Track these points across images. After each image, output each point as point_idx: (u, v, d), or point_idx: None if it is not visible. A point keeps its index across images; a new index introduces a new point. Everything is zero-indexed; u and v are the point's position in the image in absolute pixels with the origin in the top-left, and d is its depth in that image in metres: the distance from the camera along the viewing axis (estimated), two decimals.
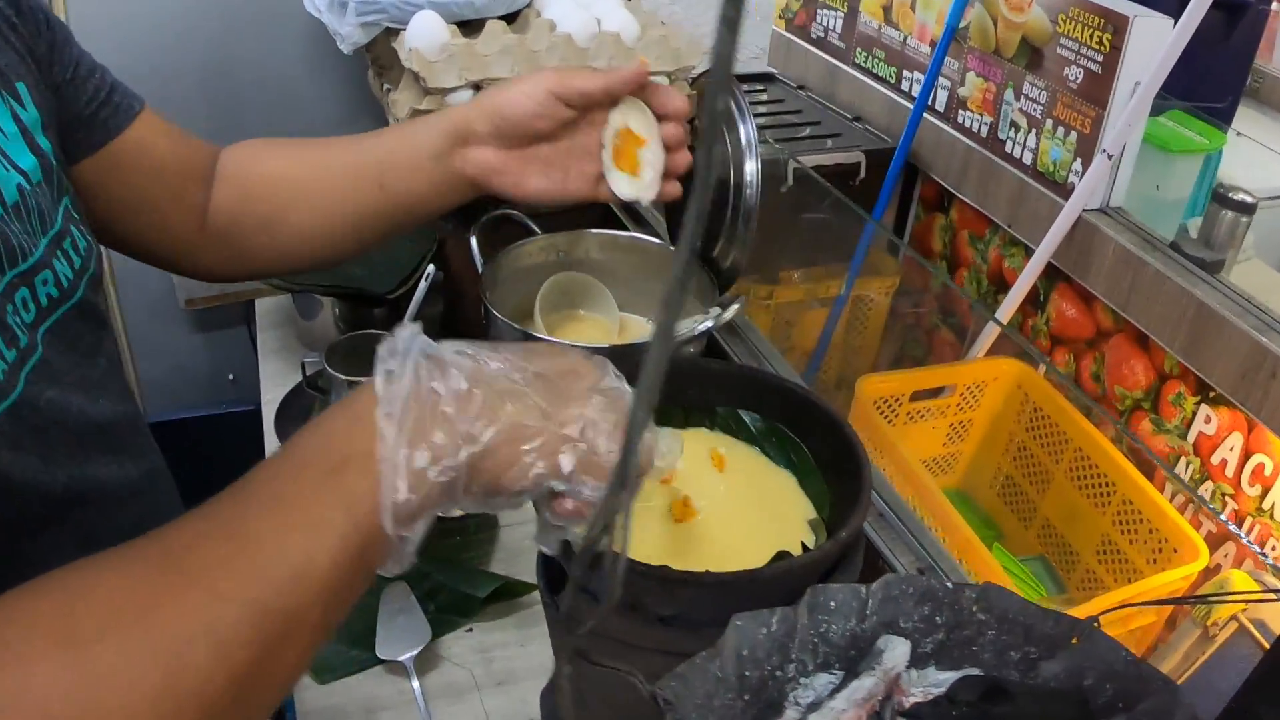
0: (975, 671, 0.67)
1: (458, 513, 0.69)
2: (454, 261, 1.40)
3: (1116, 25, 1.51)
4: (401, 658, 1.05)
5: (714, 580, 0.73)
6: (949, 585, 0.66)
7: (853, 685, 0.61)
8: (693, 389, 0.93)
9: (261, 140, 1.06)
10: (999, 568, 1.44)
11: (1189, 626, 1.39)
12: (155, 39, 1.88)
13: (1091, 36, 1.55)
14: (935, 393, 1.79)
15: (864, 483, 0.80)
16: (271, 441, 1.34)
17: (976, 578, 1.47)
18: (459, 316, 1.46)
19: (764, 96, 2.12)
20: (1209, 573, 1.58)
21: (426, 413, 0.58)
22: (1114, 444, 1.65)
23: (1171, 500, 1.61)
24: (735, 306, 1.12)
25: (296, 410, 1.35)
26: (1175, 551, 1.52)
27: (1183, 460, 1.59)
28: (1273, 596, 0.68)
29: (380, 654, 1.06)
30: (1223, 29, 1.71)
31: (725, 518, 0.85)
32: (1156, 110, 1.64)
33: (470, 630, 1.10)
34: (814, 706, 0.63)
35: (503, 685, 1.05)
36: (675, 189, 1.02)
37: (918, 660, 0.66)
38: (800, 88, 2.15)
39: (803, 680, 0.64)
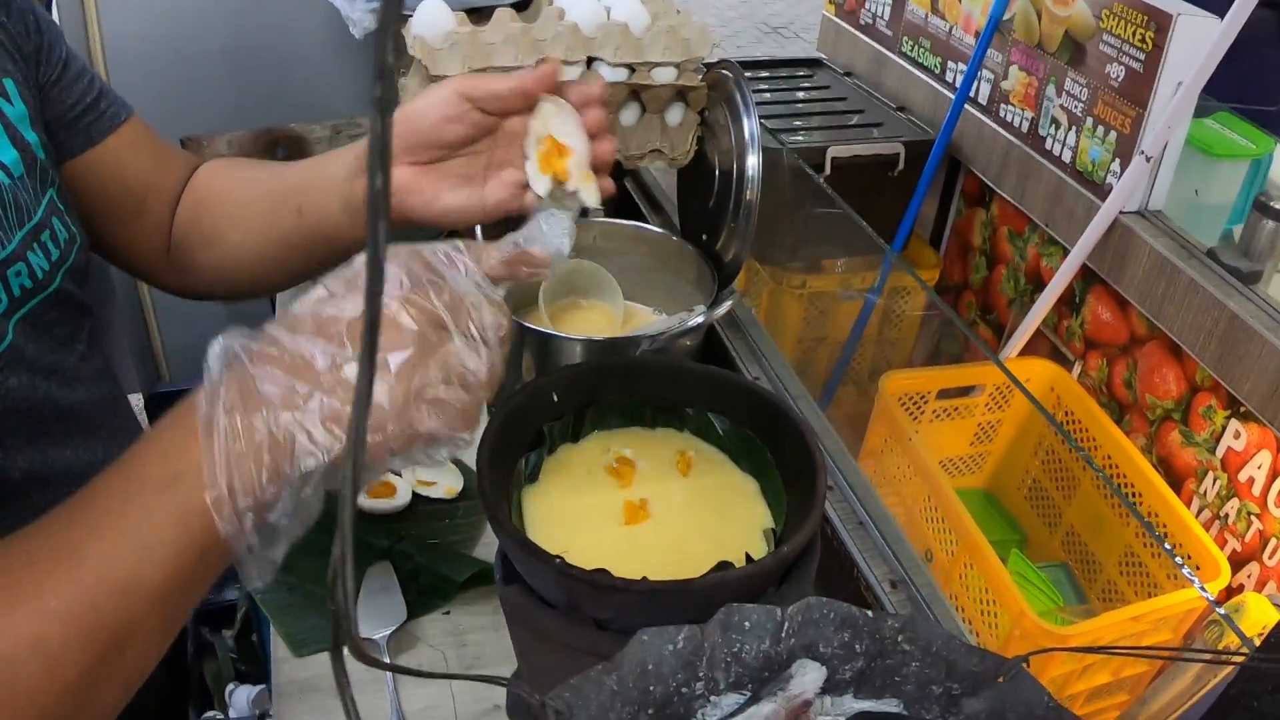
0: (894, 704, 0.65)
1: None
2: None
3: (1160, 23, 1.47)
4: (376, 636, 1.06)
5: (646, 588, 0.72)
6: (869, 614, 0.64)
7: (750, 710, 0.60)
8: (662, 389, 0.92)
9: (226, 160, 1.06)
10: (1007, 575, 1.41)
11: (1200, 649, 1.36)
12: (179, 23, 1.90)
13: (1134, 34, 1.51)
14: (964, 391, 1.77)
15: (817, 498, 0.78)
16: None
17: (985, 583, 1.45)
18: None
19: (810, 82, 2.09)
20: (1231, 592, 1.54)
21: (245, 447, 0.59)
22: (1143, 454, 1.61)
23: (1197, 515, 1.57)
24: (728, 302, 1.11)
25: None
26: (1198, 569, 1.48)
27: (1210, 475, 1.55)
28: (1239, 657, 0.66)
29: None
30: (1274, 29, 1.65)
31: (679, 522, 0.84)
32: (1203, 112, 1.59)
33: (448, 613, 1.11)
34: None
35: (472, 669, 1.04)
36: (608, 186, 0.91)
37: (835, 687, 0.65)
38: (847, 74, 2.12)
39: (712, 699, 0.63)
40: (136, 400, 2.95)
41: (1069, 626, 1.38)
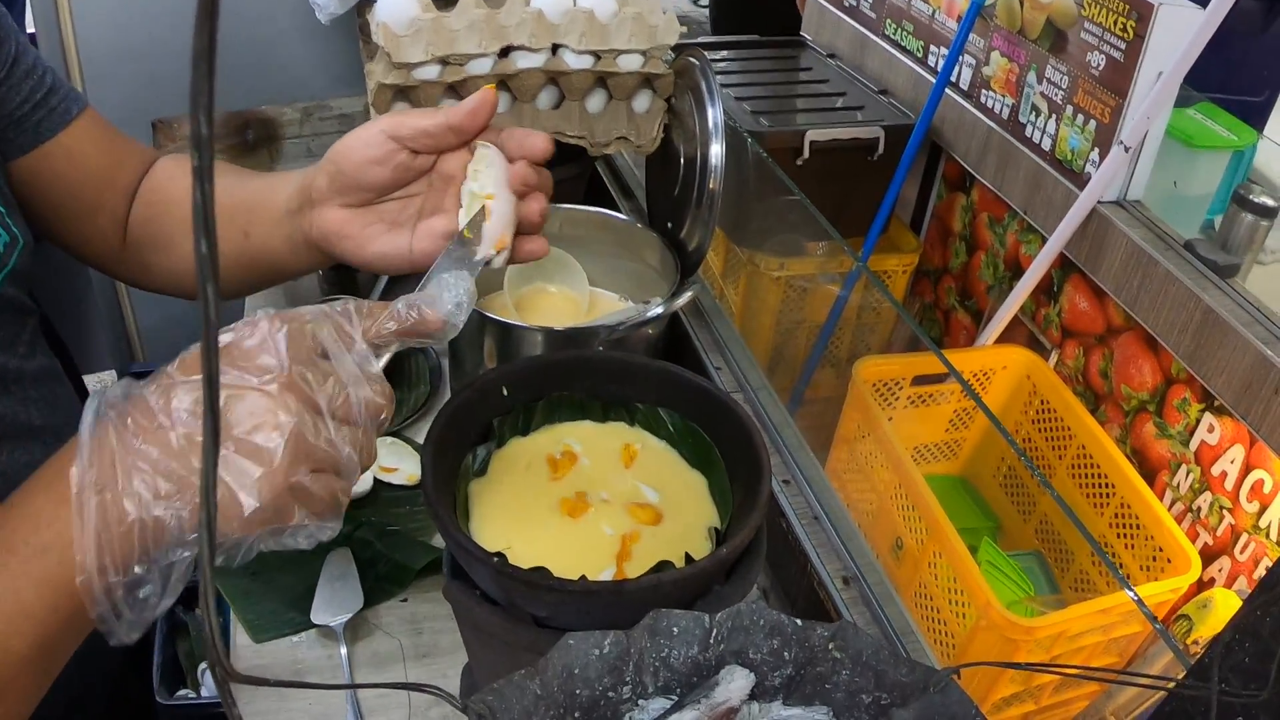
0: (823, 711, 0.65)
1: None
2: None
3: (1141, 12, 1.45)
4: (332, 623, 1.06)
5: (581, 589, 0.72)
6: (798, 622, 0.64)
7: (673, 718, 0.60)
8: (612, 384, 0.92)
9: (183, 159, 1.02)
10: (975, 566, 1.41)
11: (1165, 646, 1.36)
12: (149, 5, 1.89)
13: (1115, 23, 1.49)
14: (941, 378, 1.76)
15: (759, 498, 0.78)
16: None
17: (953, 573, 1.45)
18: None
19: (792, 64, 2.08)
20: (1202, 585, 1.54)
21: (113, 530, 0.58)
22: (1118, 445, 1.61)
23: (1170, 508, 1.57)
24: (689, 294, 1.10)
25: None
26: (1169, 562, 1.48)
27: (1183, 468, 1.55)
28: (1165, 683, 0.65)
29: (314, 619, 1.06)
30: (1260, 20, 1.64)
31: (622, 519, 0.84)
32: (1184, 102, 1.58)
33: (405, 600, 1.11)
34: None
35: (427, 658, 1.05)
36: (537, 249, 0.86)
37: (764, 694, 0.65)
38: (831, 56, 2.10)
39: (640, 702, 0.63)
40: (108, 378, 2.95)
41: (1036, 619, 1.37)
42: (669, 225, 1.23)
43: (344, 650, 1.04)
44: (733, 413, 0.86)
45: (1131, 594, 1.06)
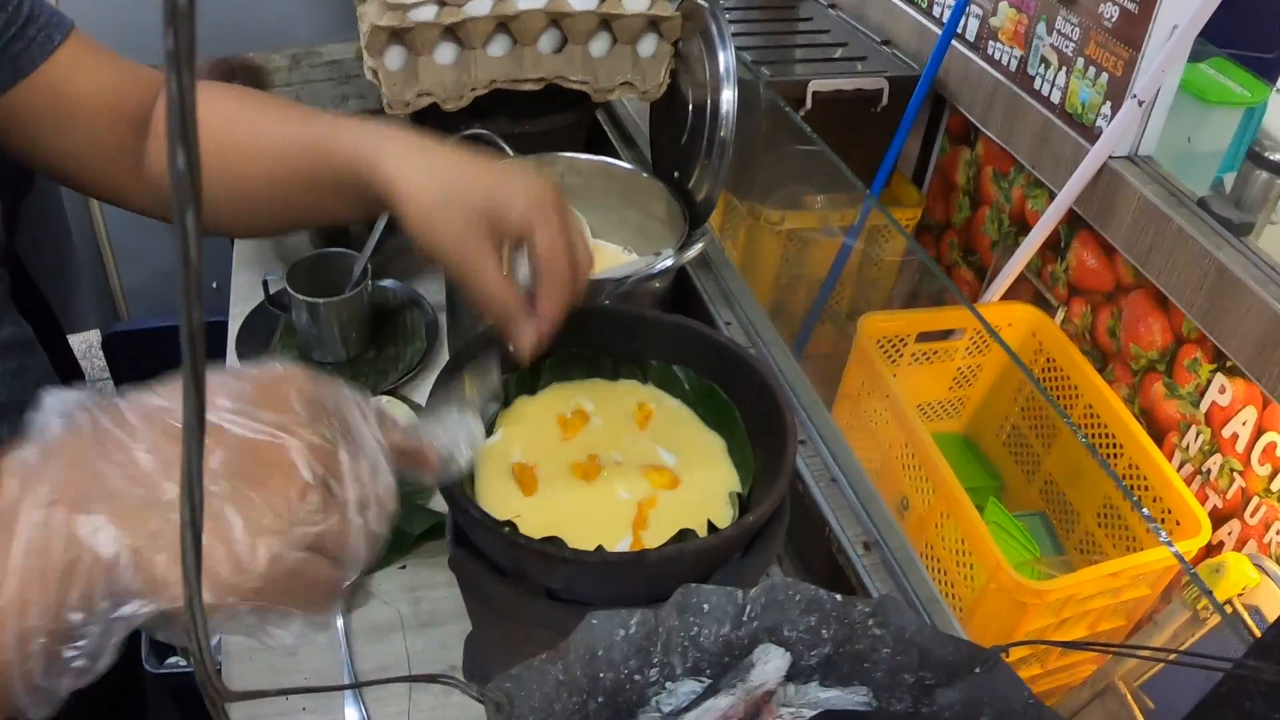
0: (864, 691, 0.61)
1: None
2: None
3: None
4: None
5: (599, 560, 0.67)
6: (838, 597, 0.59)
7: (706, 704, 0.56)
8: (623, 340, 0.87)
9: (206, 89, 0.91)
10: (984, 527, 1.38)
11: (1179, 608, 1.33)
12: None
13: None
14: (945, 335, 1.72)
15: (786, 463, 0.73)
16: (234, 360, 1.29)
17: (961, 534, 1.42)
18: None
19: (793, 14, 2.02)
20: (1211, 549, 1.51)
21: (58, 529, 0.47)
22: (1126, 405, 1.57)
23: (1179, 470, 1.54)
24: (698, 245, 1.05)
25: (260, 327, 1.30)
26: (1178, 524, 1.45)
27: (1193, 429, 1.51)
28: (1223, 663, 0.61)
29: None
30: None
31: (638, 483, 0.79)
32: (1197, 57, 1.54)
33: (404, 568, 1.06)
34: (674, 714, 0.58)
35: (427, 627, 1.00)
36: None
37: (799, 674, 0.60)
38: (831, 6, 2.05)
39: (668, 685, 0.59)
40: (93, 338, 2.89)
41: (1047, 581, 1.34)
42: (675, 175, 1.17)
43: (341, 620, 1.00)
44: (753, 370, 0.81)
45: (1178, 557, 1.02)
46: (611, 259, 1.21)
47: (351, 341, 1.24)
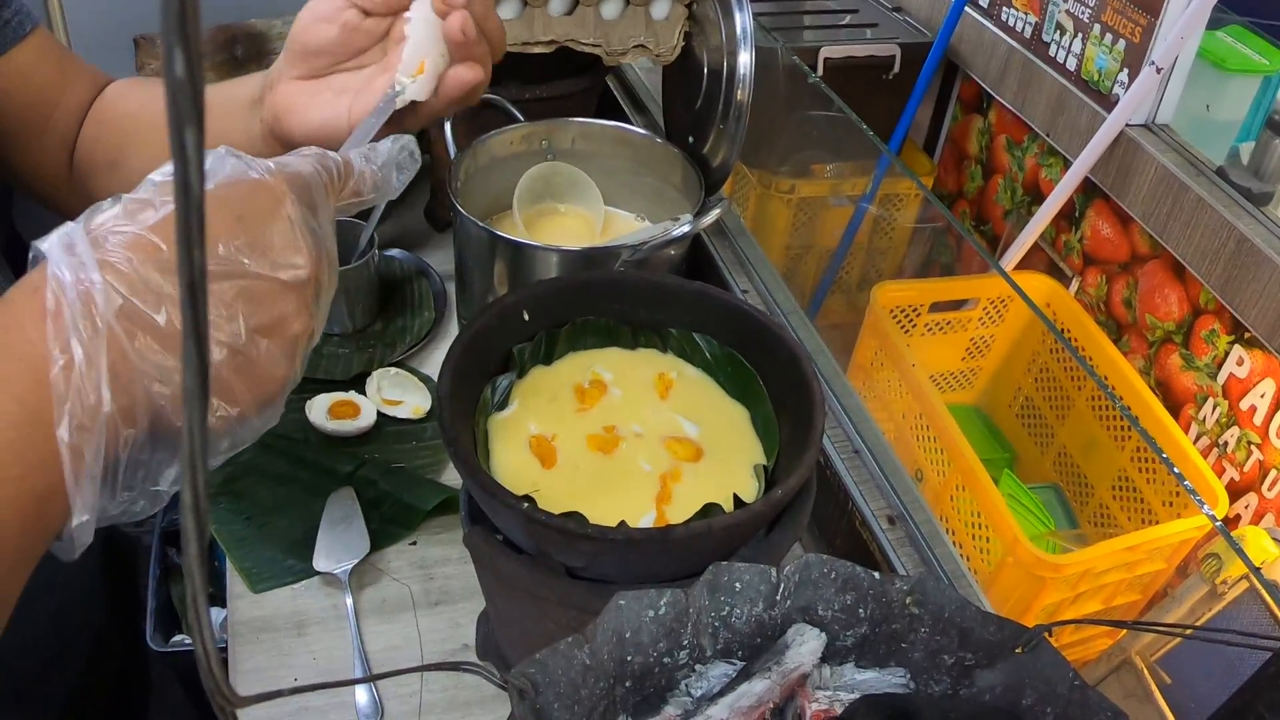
0: (900, 673, 0.59)
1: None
2: (438, 148, 1.30)
3: None
4: (336, 570, 0.99)
5: (622, 537, 0.65)
6: (875, 575, 0.57)
7: (741, 689, 0.53)
8: (643, 308, 0.84)
9: (136, 80, 0.94)
10: (1002, 500, 1.36)
11: (1196, 582, 1.31)
12: None
13: None
14: (957, 304, 1.69)
15: (814, 433, 0.71)
16: None
17: (977, 507, 1.39)
18: (440, 204, 1.37)
19: None
20: (1228, 523, 1.49)
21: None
22: (1141, 376, 1.55)
23: (1195, 442, 1.51)
24: (716, 211, 1.02)
25: None
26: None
27: (1210, 401, 1.49)
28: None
29: (317, 566, 0.98)
30: None
31: (659, 455, 0.77)
32: (1215, 24, 1.50)
33: (414, 544, 1.04)
34: (704, 699, 0.55)
35: (439, 606, 0.98)
36: (469, 75, 0.76)
37: (835, 655, 0.58)
38: None
39: (698, 668, 0.56)
40: None
41: (1065, 555, 1.32)
42: (690, 140, 1.14)
43: (349, 599, 0.97)
44: (778, 338, 0.78)
45: (1203, 507, 1.00)
46: (624, 226, 1.18)
47: (358, 313, 1.21)
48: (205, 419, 0.24)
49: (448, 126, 1.16)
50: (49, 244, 0.51)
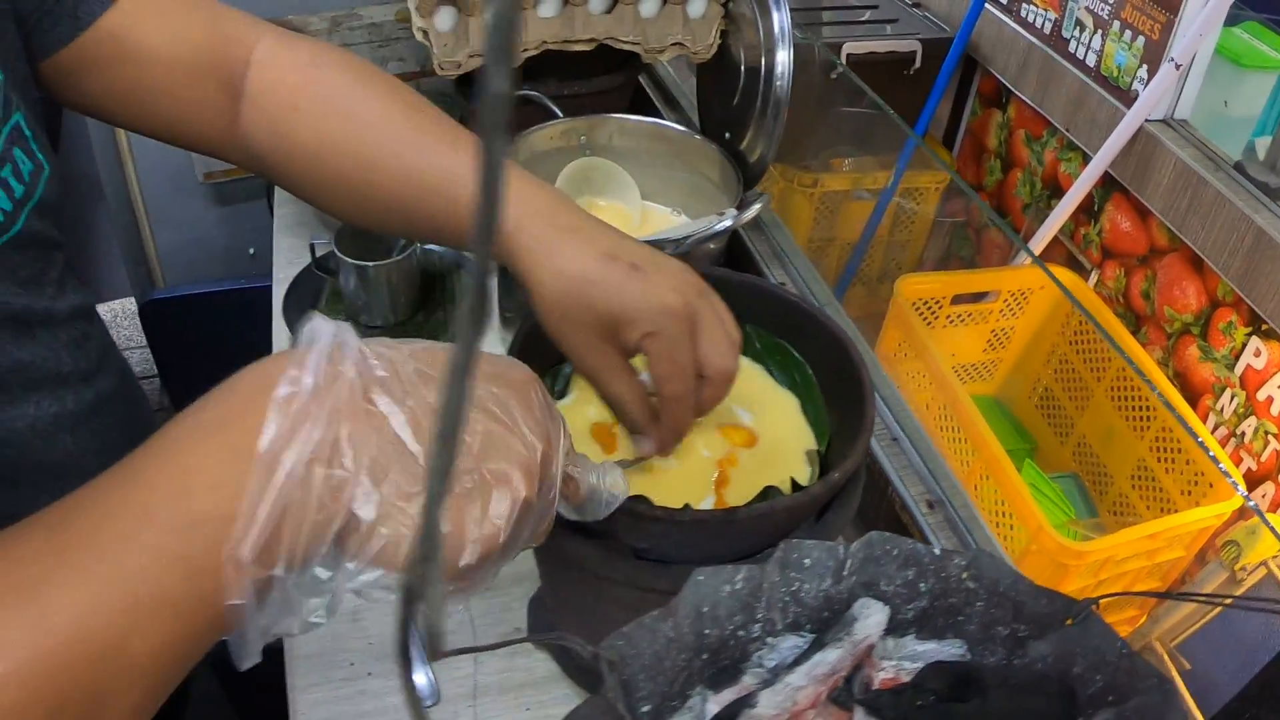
0: (958, 644, 0.62)
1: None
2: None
3: None
4: None
5: (690, 518, 0.68)
6: (936, 551, 0.60)
7: (815, 658, 0.56)
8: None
9: (284, 37, 0.87)
10: (1026, 488, 1.38)
11: (1216, 568, 1.34)
12: None
13: None
14: (978, 297, 1.72)
15: (866, 418, 0.74)
16: (279, 323, 1.29)
17: (1002, 495, 1.42)
18: None
19: None
20: (1245, 513, 1.51)
21: (315, 508, 0.47)
22: (1159, 367, 1.58)
23: (1213, 432, 1.54)
24: (757, 205, 1.05)
25: (305, 291, 1.30)
26: (1211, 486, 1.46)
27: (1227, 392, 1.52)
28: None
29: None
30: None
31: (715, 439, 0.80)
32: (1231, 21, 1.53)
33: None
34: (777, 670, 0.58)
35: (490, 591, 1.00)
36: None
37: (897, 627, 0.61)
38: None
39: (769, 640, 0.60)
40: (128, 306, 2.86)
41: (1087, 543, 1.35)
42: (726, 136, 1.17)
43: None
44: (826, 328, 0.81)
45: (1236, 486, 1.02)
46: (660, 220, 1.21)
47: (400, 306, 1.24)
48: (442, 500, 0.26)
49: None
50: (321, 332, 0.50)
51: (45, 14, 0.77)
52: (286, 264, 1.38)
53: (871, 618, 0.59)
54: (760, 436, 0.80)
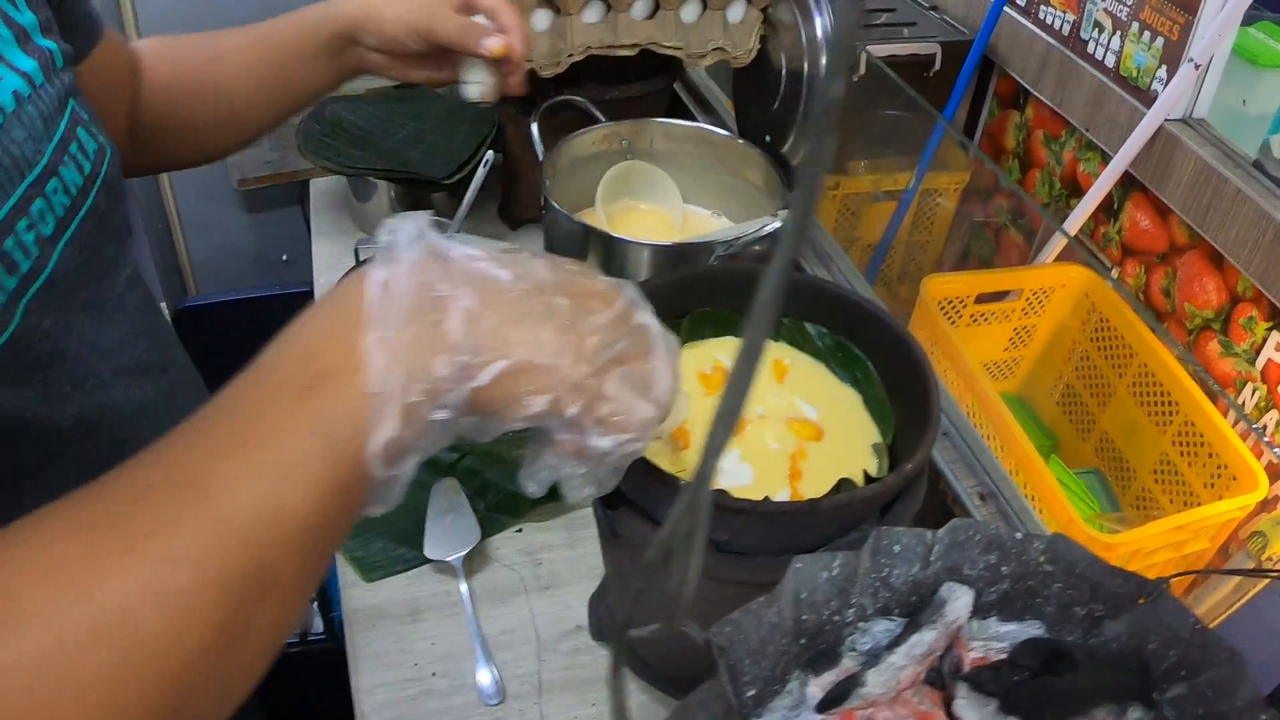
0: (1037, 625, 0.64)
1: None
2: (513, 148, 1.35)
3: None
4: (450, 558, 1.03)
5: (770, 510, 0.70)
6: (1017, 535, 0.63)
7: (913, 639, 0.59)
8: (754, 298, 0.89)
9: (165, 40, 1.05)
10: (1055, 482, 1.41)
11: (1243, 558, 1.36)
12: None
13: None
14: (1000, 296, 1.75)
15: (932, 411, 0.76)
16: None
17: (1031, 490, 1.45)
18: (515, 203, 1.42)
19: None
20: (1267, 505, 1.54)
21: (426, 334, 0.50)
22: (1180, 363, 1.60)
23: (1235, 426, 1.57)
24: None
25: None
26: (1234, 479, 1.48)
27: (1249, 386, 1.54)
28: None
29: (429, 554, 1.03)
30: None
31: (785, 435, 0.82)
32: (1247, 20, 1.56)
33: (520, 531, 1.08)
34: (872, 653, 0.61)
35: (549, 589, 1.03)
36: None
37: (980, 610, 0.63)
38: None
39: (861, 625, 0.62)
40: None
41: (1117, 535, 1.37)
42: (766, 139, 1.20)
43: (464, 586, 1.01)
44: (886, 325, 0.84)
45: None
46: (701, 222, 1.24)
47: None
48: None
49: (535, 128, 1.21)
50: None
51: (78, 20, 0.85)
52: (327, 269, 1.40)
53: (959, 600, 0.61)
54: (826, 431, 0.83)
